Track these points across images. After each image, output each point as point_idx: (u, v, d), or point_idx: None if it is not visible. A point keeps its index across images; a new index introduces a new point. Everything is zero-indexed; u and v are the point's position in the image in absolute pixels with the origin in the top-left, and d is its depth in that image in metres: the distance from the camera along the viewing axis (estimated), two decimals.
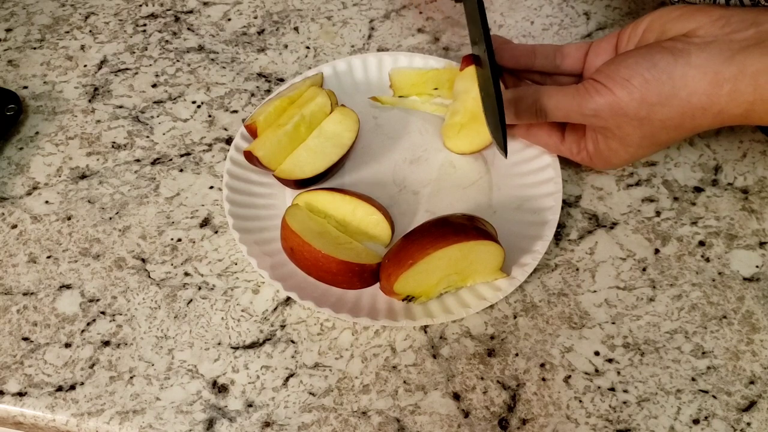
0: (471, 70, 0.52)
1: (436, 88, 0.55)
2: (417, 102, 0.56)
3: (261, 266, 0.45)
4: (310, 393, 0.43)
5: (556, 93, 0.46)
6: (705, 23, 0.43)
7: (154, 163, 0.54)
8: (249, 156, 0.49)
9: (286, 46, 0.61)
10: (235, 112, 0.57)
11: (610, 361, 0.44)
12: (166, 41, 0.62)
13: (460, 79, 0.53)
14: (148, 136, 0.56)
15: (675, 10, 0.45)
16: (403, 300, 0.44)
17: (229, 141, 0.55)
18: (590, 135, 0.48)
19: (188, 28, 0.63)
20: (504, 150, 0.45)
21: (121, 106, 0.58)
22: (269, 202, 0.50)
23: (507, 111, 0.48)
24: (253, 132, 0.51)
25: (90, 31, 0.63)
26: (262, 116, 0.50)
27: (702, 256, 0.48)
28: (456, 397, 0.43)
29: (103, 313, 0.47)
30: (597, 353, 0.44)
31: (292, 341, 0.45)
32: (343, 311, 0.44)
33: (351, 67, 0.57)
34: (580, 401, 0.43)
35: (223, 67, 0.60)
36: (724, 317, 0.46)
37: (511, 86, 0.50)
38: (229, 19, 0.63)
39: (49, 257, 0.49)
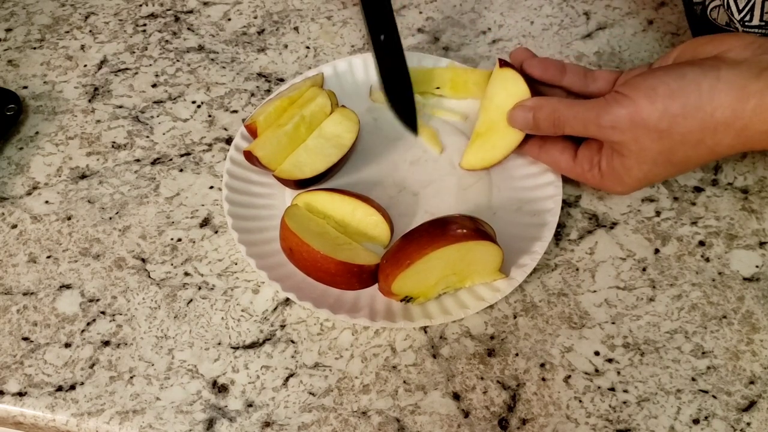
0: (501, 72, 0.50)
1: (438, 87, 0.55)
2: (418, 101, 0.56)
3: (260, 266, 0.45)
4: (310, 393, 0.43)
5: (576, 104, 0.45)
6: (736, 46, 0.43)
7: (154, 163, 0.54)
8: (249, 156, 0.49)
9: (286, 46, 0.61)
10: (235, 112, 0.57)
11: (610, 361, 0.44)
12: (166, 41, 0.62)
13: (489, 85, 0.51)
14: (148, 136, 0.56)
15: (706, 38, 0.45)
16: (401, 301, 0.44)
17: (229, 141, 0.55)
18: (605, 151, 0.46)
19: (188, 28, 0.63)
20: (414, 129, 0.51)
21: (121, 106, 0.58)
22: (269, 202, 0.50)
23: (525, 119, 0.48)
24: (253, 132, 0.51)
25: (90, 31, 0.63)
26: (262, 116, 0.50)
27: (702, 256, 0.48)
28: (456, 397, 0.43)
29: (103, 313, 0.47)
30: (597, 353, 0.44)
31: (292, 341, 0.45)
32: (341, 312, 0.44)
33: (351, 67, 0.57)
34: (580, 401, 0.43)
35: (223, 67, 0.60)
36: (724, 317, 0.46)
37: (533, 96, 0.49)
38: (229, 19, 0.63)
39: (49, 257, 0.49)
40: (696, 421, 0.42)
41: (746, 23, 0.48)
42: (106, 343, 0.46)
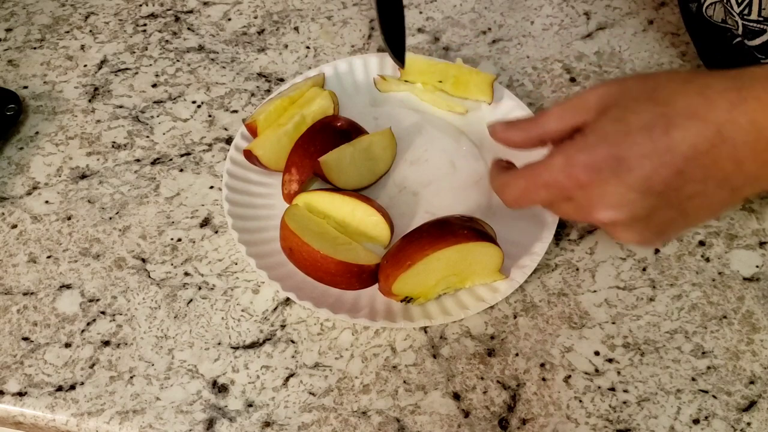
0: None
1: (440, 81, 0.55)
2: (418, 89, 0.55)
3: (260, 266, 0.45)
4: (310, 393, 0.43)
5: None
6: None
7: (154, 163, 0.54)
8: (249, 155, 0.49)
9: (286, 46, 0.61)
10: (235, 112, 0.57)
11: (610, 361, 0.44)
12: (166, 41, 0.62)
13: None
14: (148, 136, 0.56)
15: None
16: (401, 301, 0.44)
17: (229, 141, 0.55)
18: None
19: (188, 28, 0.63)
20: (402, 61, 0.53)
21: (121, 106, 0.58)
22: (269, 202, 0.50)
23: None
24: (253, 131, 0.51)
25: (90, 31, 0.63)
26: (263, 115, 0.51)
27: (702, 256, 0.48)
28: (456, 397, 0.43)
29: (103, 313, 0.47)
30: (597, 353, 0.44)
31: (292, 341, 0.45)
32: (341, 312, 0.44)
33: (352, 67, 0.57)
34: (580, 401, 0.43)
35: (223, 67, 0.60)
36: (724, 317, 0.46)
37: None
38: (229, 19, 0.63)
39: (49, 257, 0.49)
40: (696, 421, 0.42)
41: (745, 17, 0.48)
42: (106, 343, 0.46)
